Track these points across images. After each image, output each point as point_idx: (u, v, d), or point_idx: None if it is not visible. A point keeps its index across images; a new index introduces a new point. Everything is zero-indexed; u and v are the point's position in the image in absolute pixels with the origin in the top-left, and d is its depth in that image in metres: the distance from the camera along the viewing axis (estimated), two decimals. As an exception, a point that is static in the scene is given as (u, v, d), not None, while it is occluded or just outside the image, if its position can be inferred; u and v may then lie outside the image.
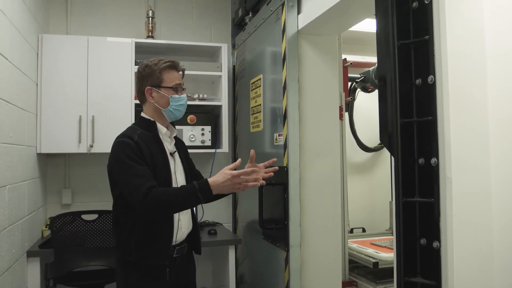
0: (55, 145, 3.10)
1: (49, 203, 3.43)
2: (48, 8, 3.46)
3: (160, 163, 1.98)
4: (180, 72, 2.10)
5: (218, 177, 1.85)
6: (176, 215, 2.01)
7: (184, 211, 2.07)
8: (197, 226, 2.19)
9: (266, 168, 2.04)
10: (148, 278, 1.96)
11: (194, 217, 2.17)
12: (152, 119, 2.07)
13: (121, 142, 1.96)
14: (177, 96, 2.04)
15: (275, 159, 2.05)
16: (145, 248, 1.94)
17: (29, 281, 2.74)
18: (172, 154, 2.08)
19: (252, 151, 2.01)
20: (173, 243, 2.00)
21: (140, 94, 2.09)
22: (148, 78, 2.05)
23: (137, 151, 1.91)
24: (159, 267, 1.96)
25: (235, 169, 1.86)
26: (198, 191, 1.83)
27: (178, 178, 2.08)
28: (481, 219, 1.44)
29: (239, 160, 1.93)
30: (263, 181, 1.94)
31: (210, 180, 1.86)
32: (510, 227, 1.47)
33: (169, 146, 2.09)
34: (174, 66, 2.06)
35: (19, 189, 2.56)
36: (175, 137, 2.19)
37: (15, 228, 2.49)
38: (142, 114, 2.11)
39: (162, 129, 2.08)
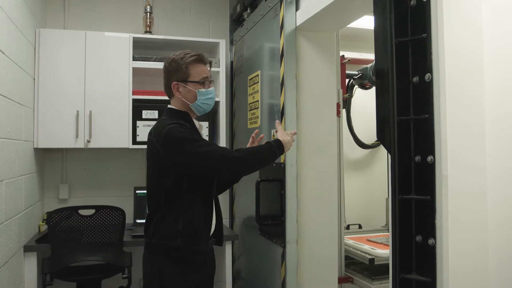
0: (52, 140, 3.10)
1: (46, 198, 3.43)
2: (45, 3, 3.44)
3: None
4: (207, 65, 2.11)
5: (285, 136, 2.13)
6: (213, 209, 2.08)
7: (214, 205, 2.13)
8: (221, 217, 2.22)
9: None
10: (186, 265, 1.99)
11: (220, 210, 2.21)
12: (184, 110, 2.08)
13: (174, 127, 1.94)
14: (204, 90, 2.06)
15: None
16: (191, 234, 1.97)
17: (26, 276, 2.75)
18: None
19: (261, 135, 2.34)
20: None
21: (167, 89, 2.09)
22: (174, 73, 2.05)
23: (192, 130, 1.99)
24: (201, 254, 2.00)
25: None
26: (276, 147, 2.05)
27: None
28: (477, 216, 1.45)
29: (277, 121, 2.25)
30: None
31: (280, 139, 2.11)
32: (505, 224, 1.49)
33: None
34: (200, 59, 2.07)
35: (16, 184, 2.56)
36: None
37: (12, 223, 2.49)
38: (171, 107, 2.11)
39: (195, 121, 2.12)
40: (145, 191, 2.87)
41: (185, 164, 1.94)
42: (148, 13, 3.56)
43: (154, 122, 2.14)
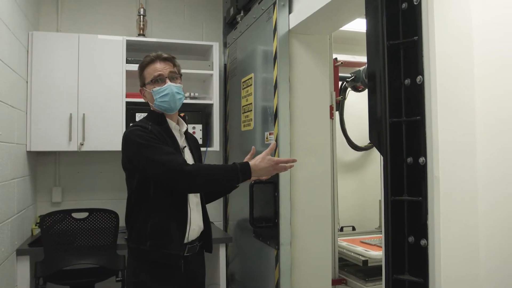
0: (45, 143, 3.08)
1: (39, 201, 3.41)
2: (38, 6, 3.43)
3: None
4: (165, 61, 2.06)
5: (260, 162, 1.92)
6: (188, 211, 2.01)
7: (195, 209, 2.07)
8: (209, 224, 2.19)
9: None
10: (160, 270, 1.96)
11: (206, 216, 2.17)
12: (160, 112, 2.07)
13: (133, 130, 1.95)
14: (156, 88, 2.02)
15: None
16: (160, 237, 1.93)
17: (19, 279, 2.73)
18: (182, 149, 2.08)
19: (253, 148, 2.14)
20: (185, 241, 2.00)
21: None
22: (139, 79, 2.09)
23: (153, 135, 1.93)
24: (173, 257, 1.95)
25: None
26: (240, 171, 1.88)
27: None
28: (468, 217, 1.46)
29: (273, 143, 2.04)
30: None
31: (251, 163, 1.92)
32: (496, 225, 1.50)
33: (179, 140, 2.09)
34: (152, 60, 2.05)
35: (8, 187, 2.55)
36: (188, 134, 2.19)
37: (5, 226, 2.47)
38: (151, 109, 2.12)
39: (171, 123, 2.09)
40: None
41: (140, 168, 1.95)
42: (142, 16, 3.56)
43: (147, 125, 2.13)
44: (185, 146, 2.12)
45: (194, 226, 2.05)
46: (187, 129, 2.18)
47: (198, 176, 1.87)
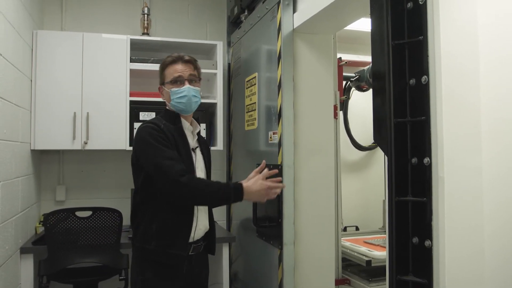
0: (49, 142, 3.09)
1: (43, 199, 3.42)
2: (43, 4, 3.44)
3: (183, 155, 2.00)
4: (187, 63, 2.08)
5: (253, 185, 1.92)
6: (195, 211, 2.02)
7: (203, 209, 2.08)
8: (214, 225, 2.20)
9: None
10: (165, 268, 1.97)
11: (212, 216, 2.18)
12: (176, 112, 2.08)
13: (146, 126, 1.98)
14: (175, 89, 2.04)
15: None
16: (165, 237, 1.95)
17: (22, 278, 2.73)
18: (194, 149, 2.09)
19: (263, 162, 2.09)
20: (190, 240, 2.01)
21: None
22: (159, 77, 2.12)
23: (163, 135, 1.95)
24: (177, 257, 1.96)
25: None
26: (232, 190, 1.89)
27: (199, 174, 2.08)
28: (473, 218, 1.46)
29: (263, 162, 2.05)
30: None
31: (244, 184, 1.91)
32: (501, 226, 1.49)
33: (191, 141, 2.10)
34: (174, 61, 2.08)
35: (12, 185, 2.55)
36: (199, 136, 2.20)
37: (9, 224, 2.48)
38: (167, 108, 2.14)
39: (185, 123, 2.10)
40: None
41: (143, 166, 1.97)
42: (146, 15, 3.56)
43: (151, 124, 2.14)
44: (197, 147, 2.13)
45: (201, 226, 2.07)
46: (199, 131, 2.20)
47: (192, 188, 1.87)
